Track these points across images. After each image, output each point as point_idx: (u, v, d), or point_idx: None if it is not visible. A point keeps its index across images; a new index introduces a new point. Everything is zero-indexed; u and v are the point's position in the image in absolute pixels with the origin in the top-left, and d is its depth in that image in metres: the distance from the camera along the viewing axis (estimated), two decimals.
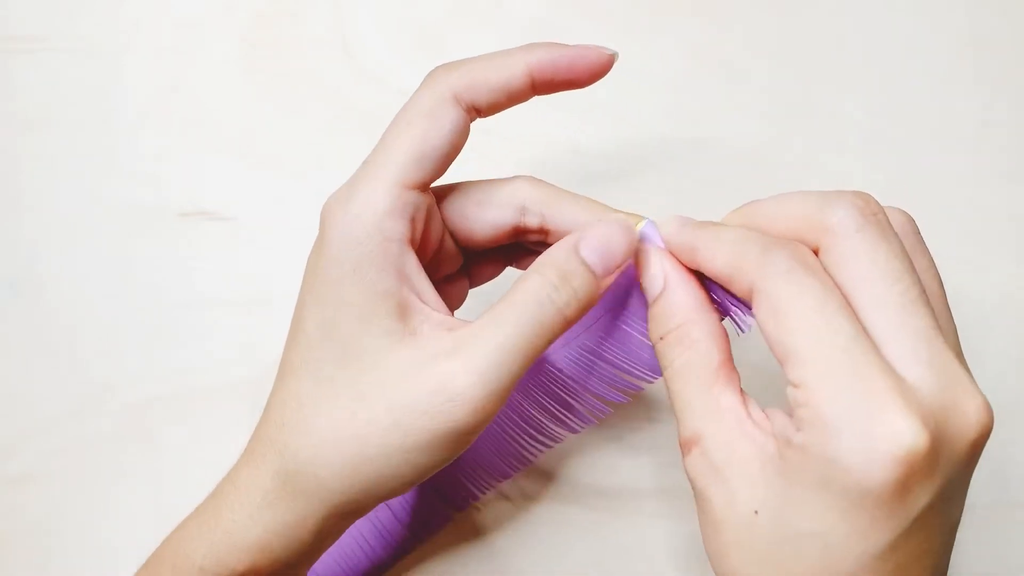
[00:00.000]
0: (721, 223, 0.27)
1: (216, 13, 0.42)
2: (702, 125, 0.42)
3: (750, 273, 0.25)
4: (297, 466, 0.26)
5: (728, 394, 0.26)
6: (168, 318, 0.40)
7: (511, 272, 0.33)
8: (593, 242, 0.27)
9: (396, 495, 0.27)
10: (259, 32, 0.42)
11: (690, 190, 0.41)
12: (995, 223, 0.41)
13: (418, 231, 0.28)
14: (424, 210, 0.28)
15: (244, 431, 0.29)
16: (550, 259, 0.27)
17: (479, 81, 0.28)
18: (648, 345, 0.30)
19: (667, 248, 0.28)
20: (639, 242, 0.28)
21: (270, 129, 0.41)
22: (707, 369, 0.26)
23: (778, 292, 0.24)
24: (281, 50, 0.42)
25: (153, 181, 0.41)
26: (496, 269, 0.33)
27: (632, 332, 0.30)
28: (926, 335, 0.23)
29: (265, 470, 0.27)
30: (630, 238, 0.27)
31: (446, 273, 0.31)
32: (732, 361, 0.27)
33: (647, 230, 0.28)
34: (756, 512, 0.24)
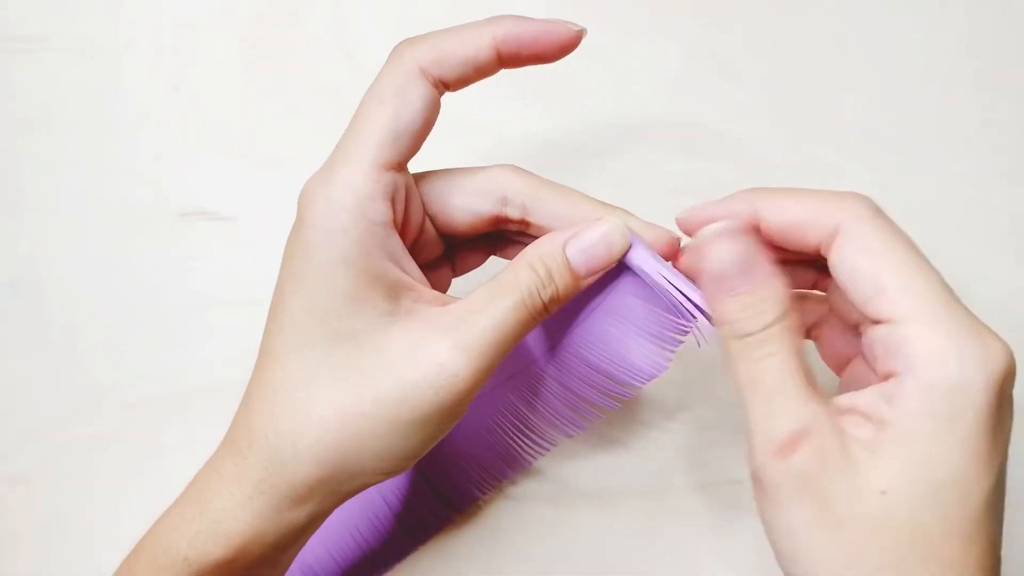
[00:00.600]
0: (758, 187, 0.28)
1: (216, 13, 0.42)
2: (702, 125, 0.42)
3: (836, 214, 0.26)
4: (294, 451, 0.26)
5: (818, 386, 0.25)
6: (168, 318, 0.40)
7: (494, 261, 0.33)
8: (581, 244, 0.28)
9: (398, 472, 0.28)
10: (259, 32, 0.42)
11: (690, 189, 0.41)
12: (995, 223, 0.41)
13: (399, 212, 0.28)
14: (403, 190, 0.28)
15: None
16: (539, 254, 0.28)
17: (446, 54, 0.28)
18: (641, 349, 0.30)
19: (698, 221, 0.28)
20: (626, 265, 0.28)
21: (270, 129, 0.41)
22: (804, 361, 0.26)
23: (871, 231, 0.25)
24: (281, 50, 0.42)
25: (153, 181, 0.41)
26: (479, 258, 0.33)
27: (624, 335, 0.30)
28: (951, 293, 0.25)
29: (254, 459, 0.27)
30: (619, 244, 0.28)
31: (428, 259, 0.31)
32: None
33: (636, 245, 0.28)
34: (884, 492, 0.23)
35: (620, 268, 0.29)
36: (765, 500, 0.25)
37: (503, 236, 0.32)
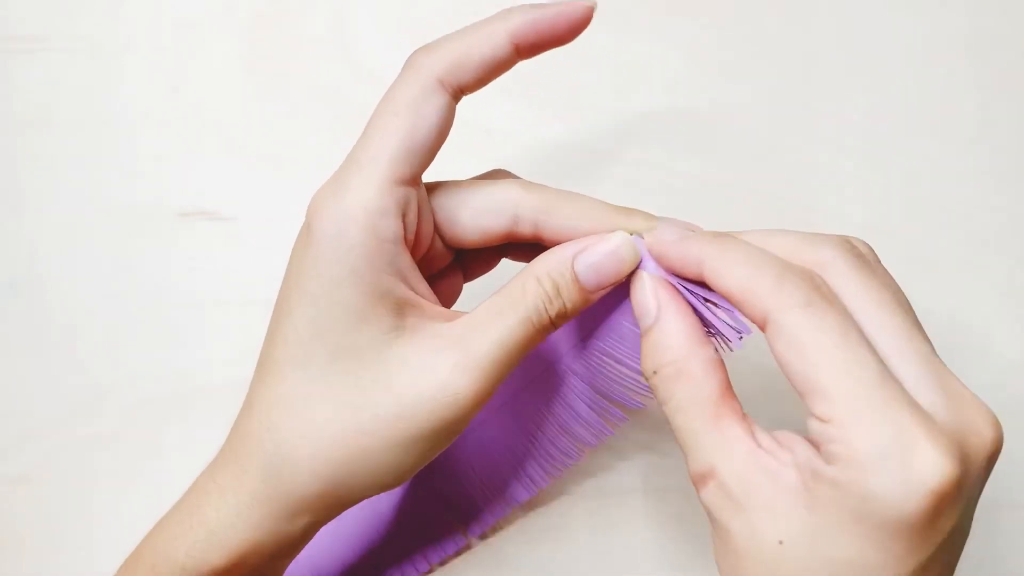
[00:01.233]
0: (726, 235, 0.27)
1: (216, 13, 0.42)
2: (702, 125, 0.42)
3: (765, 301, 0.24)
4: (292, 464, 0.26)
5: (734, 425, 0.25)
6: (168, 318, 0.40)
7: (506, 264, 0.33)
8: (590, 259, 0.27)
9: (394, 486, 0.28)
10: (259, 32, 0.42)
11: (690, 189, 0.41)
12: (995, 223, 0.41)
13: (411, 227, 0.28)
14: (416, 204, 0.28)
15: None
16: (547, 268, 0.27)
17: (463, 59, 0.27)
18: None
19: (664, 258, 0.27)
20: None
21: (270, 129, 0.41)
22: (709, 402, 0.25)
23: (799, 325, 0.24)
24: (281, 50, 0.42)
25: (153, 181, 0.41)
26: (490, 263, 0.33)
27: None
28: (928, 359, 0.24)
29: (252, 470, 0.27)
30: (629, 259, 0.28)
31: (438, 268, 0.31)
32: (731, 388, 0.26)
33: (639, 250, 0.28)
34: (781, 543, 0.24)
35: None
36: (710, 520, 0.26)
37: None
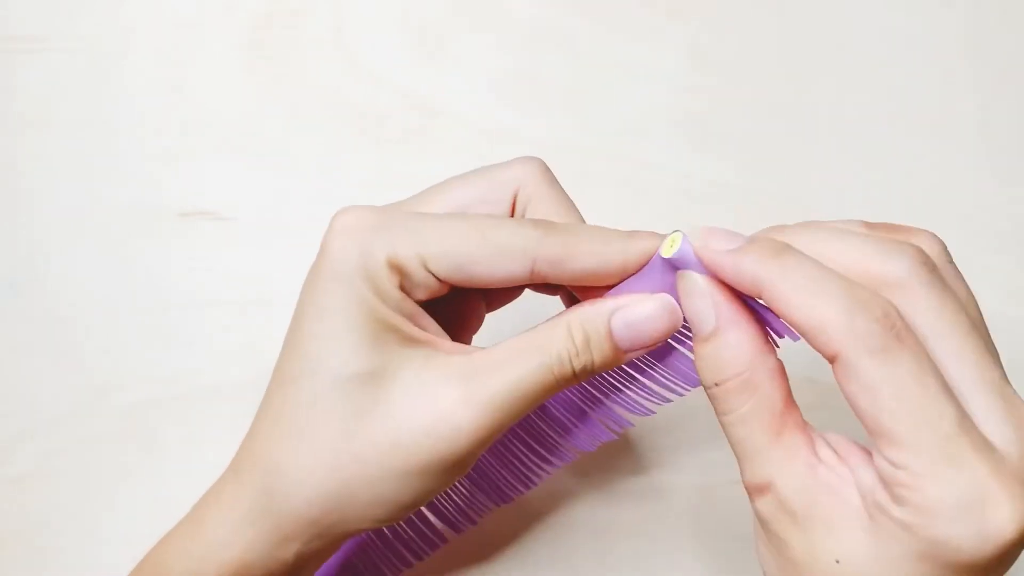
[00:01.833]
0: (786, 249, 0.24)
1: (216, 13, 0.42)
2: (702, 125, 0.42)
3: (834, 341, 0.22)
4: (286, 485, 0.26)
5: (796, 438, 0.24)
6: (168, 318, 0.40)
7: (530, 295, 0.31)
8: (629, 317, 0.26)
9: (390, 521, 0.27)
10: (259, 32, 0.42)
11: (690, 189, 0.41)
12: (995, 223, 0.41)
13: (421, 293, 0.27)
14: (432, 291, 0.27)
15: (244, 431, 0.29)
16: (581, 318, 0.26)
17: (577, 268, 0.26)
18: (688, 358, 0.28)
19: (716, 271, 0.25)
20: (679, 269, 0.26)
21: (270, 129, 0.41)
22: (773, 414, 0.24)
23: (872, 372, 0.22)
24: (281, 50, 0.42)
25: (153, 181, 0.41)
26: (512, 294, 0.31)
27: (676, 346, 0.29)
28: (1001, 390, 0.23)
29: (249, 488, 0.26)
30: (670, 324, 0.26)
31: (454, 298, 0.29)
32: (792, 395, 0.25)
33: (684, 249, 0.25)
34: (838, 562, 0.23)
35: (665, 278, 0.27)
36: (759, 530, 0.25)
37: None
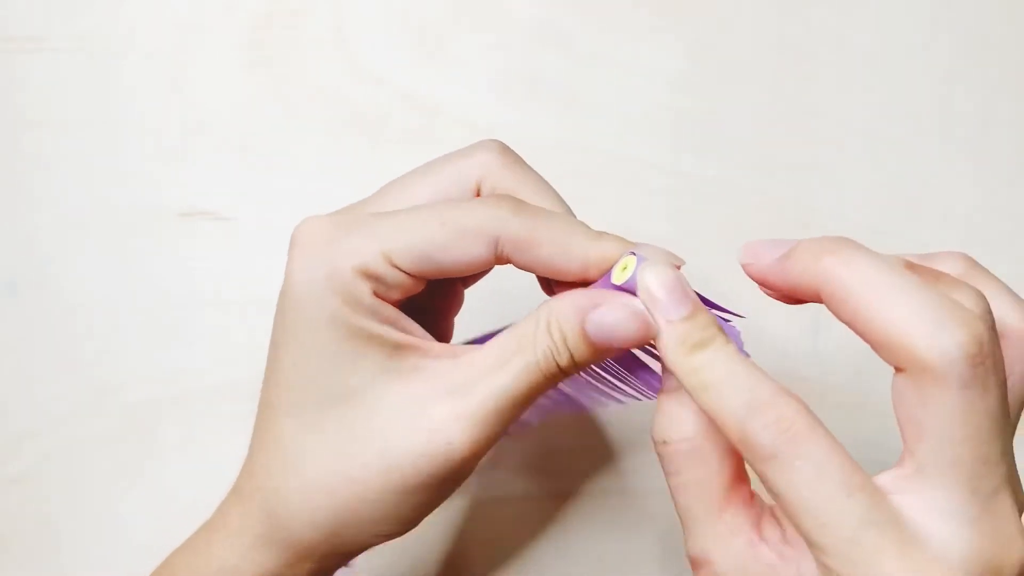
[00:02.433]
0: (845, 242, 0.23)
1: (216, 13, 0.42)
2: (703, 125, 0.42)
3: (919, 356, 0.21)
4: (287, 511, 0.26)
5: (739, 516, 0.24)
6: (168, 318, 0.40)
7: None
8: (600, 319, 0.25)
9: (396, 536, 0.27)
10: (259, 32, 0.42)
11: (690, 189, 0.41)
12: (996, 223, 0.41)
13: (392, 297, 0.26)
14: (406, 289, 0.26)
15: (244, 431, 0.29)
16: (556, 317, 0.25)
17: (542, 256, 0.25)
18: (656, 373, 0.28)
19: (766, 283, 0.25)
20: (645, 321, 0.25)
21: (270, 129, 0.41)
22: (718, 489, 0.24)
23: (961, 402, 0.21)
24: (281, 50, 0.42)
25: (153, 181, 0.41)
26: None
27: (643, 358, 0.28)
28: (986, 499, 0.22)
29: (255, 513, 0.26)
30: (643, 330, 0.25)
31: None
32: (744, 468, 0.25)
33: (636, 278, 0.25)
34: None
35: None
36: None
37: None
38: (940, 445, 0.21)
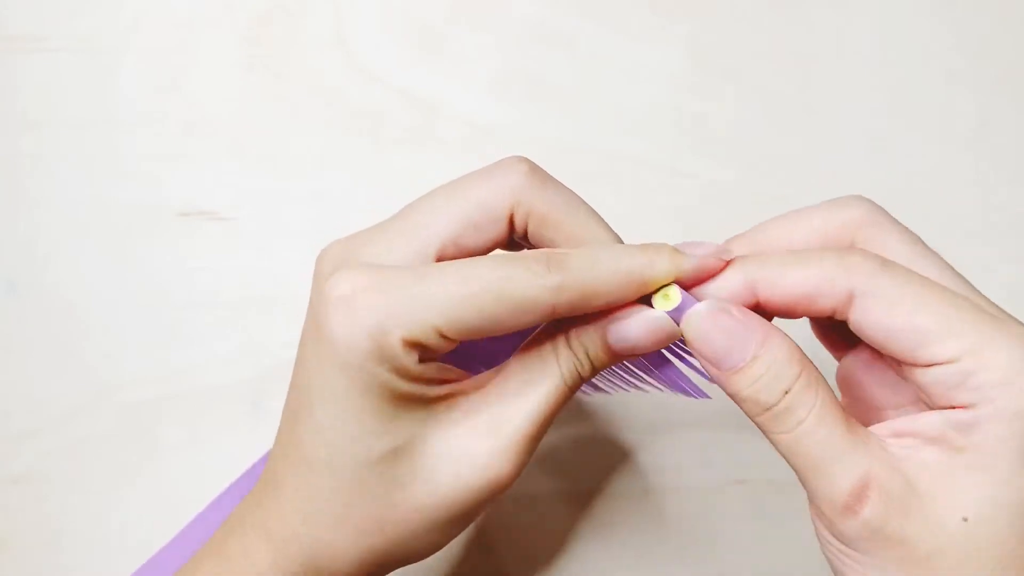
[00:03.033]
0: (747, 252, 0.26)
1: (216, 13, 0.42)
2: (703, 125, 0.42)
3: (845, 280, 0.24)
4: (332, 557, 0.26)
5: (856, 423, 0.24)
6: (168, 318, 0.40)
7: None
8: (625, 335, 0.26)
9: (428, 556, 0.28)
10: (259, 32, 0.42)
11: (691, 189, 0.41)
12: (996, 223, 0.41)
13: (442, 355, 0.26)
14: (454, 346, 0.25)
15: (244, 431, 0.29)
16: (579, 332, 0.26)
17: (598, 306, 0.25)
18: (685, 375, 0.28)
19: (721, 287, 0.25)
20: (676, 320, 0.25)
21: (270, 129, 0.41)
22: (837, 405, 0.24)
23: (889, 285, 0.24)
24: (281, 50, 0.42)
25: (153, 181, 0.41)
26: None
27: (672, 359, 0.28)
28: (989, 307, 0.25)
29: (292, 556, 0.26)
30: (665, 337, 0.26)
31: None
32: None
33: (684, 301, 0.25)
34: (965, 519, 0.23)
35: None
36: (847, 559, 0.24)
37: None
38: (936, 306, 0.23)
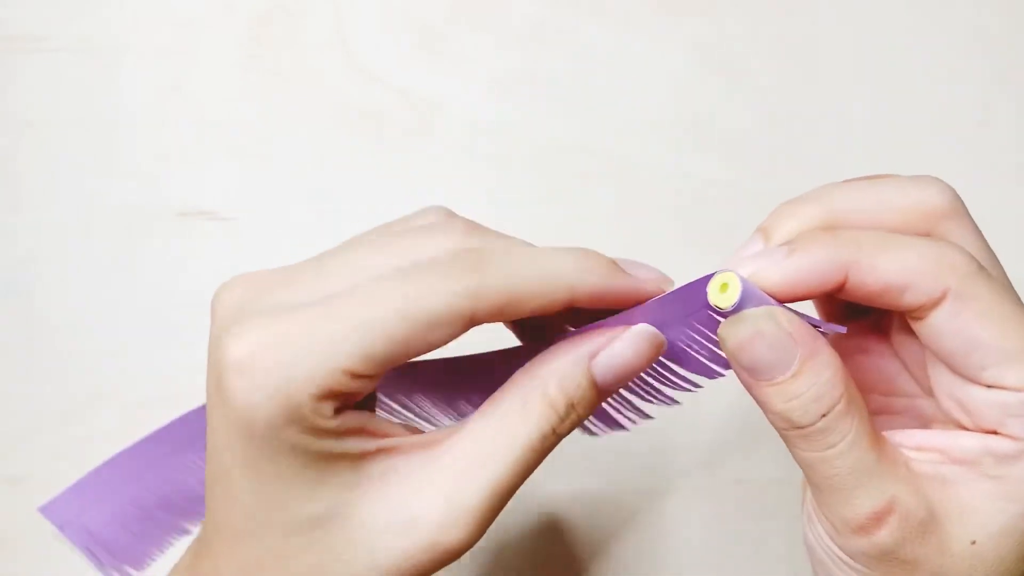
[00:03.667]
0: (831, 227, 0.24)
1: (216, 13, 0.42)
2: (704, 124, 0.42)
3: (944, 276, 0.22)
4: None
5: (886, 440, 0.24)
6: (168, 318, 0.40)
7: None
8: (611, 361, 0.23)
9: None
10: (259, 32, 0.42)
11: (692, 188, 0.41)
12: (996, 223, 0.41)
13: (364, 395, 0.23)
14: (374, 382, 0.22)
15: None
16: (557, 379, 0.23)
17: (515, 301, 0.22)
18: (706, 361, 0.26)
19: (790, 284, 0.23)
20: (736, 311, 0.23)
21: (270, 129, 0.41)
22: (870, 424, 0.23)
23: (984, 292, 0.22)
24: (281, 50, 0.42)
25: (153, 181, 0.41)
26: None
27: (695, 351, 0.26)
28: None
29: None
30: (655, 352, 0.24)
31: None
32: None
33: (746, 291, 0.22)
34: (973, 543, 0.23)
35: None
36: (844, 567, 0.24)
37: None
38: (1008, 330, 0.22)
